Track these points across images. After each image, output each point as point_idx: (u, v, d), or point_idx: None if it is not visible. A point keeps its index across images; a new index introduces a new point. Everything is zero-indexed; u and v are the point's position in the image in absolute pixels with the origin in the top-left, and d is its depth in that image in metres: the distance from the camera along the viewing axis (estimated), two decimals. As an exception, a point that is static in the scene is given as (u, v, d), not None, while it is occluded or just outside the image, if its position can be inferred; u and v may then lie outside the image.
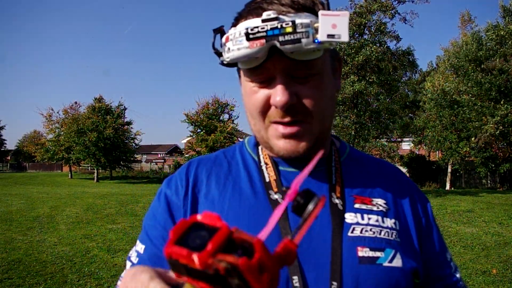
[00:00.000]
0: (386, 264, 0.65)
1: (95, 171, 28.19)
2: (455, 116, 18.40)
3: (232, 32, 0.63)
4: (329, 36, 0.58)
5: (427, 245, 0.75)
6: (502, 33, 17.00)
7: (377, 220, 0.69)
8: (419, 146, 24.83)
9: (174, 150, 52.94)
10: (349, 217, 0.69)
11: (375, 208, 0.71)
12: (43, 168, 46.44)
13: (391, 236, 0.69)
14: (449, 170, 21.07)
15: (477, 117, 17.63)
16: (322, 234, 0.66)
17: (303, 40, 0.58)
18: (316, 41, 0.59)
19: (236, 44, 0.61)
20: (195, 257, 0.31)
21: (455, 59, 18.89)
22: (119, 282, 0.76)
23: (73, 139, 25.64)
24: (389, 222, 0.71)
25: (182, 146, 44.80)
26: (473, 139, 17.93)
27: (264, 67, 0.64)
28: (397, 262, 0.66)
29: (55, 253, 5.96)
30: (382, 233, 0.68)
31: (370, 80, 14.23)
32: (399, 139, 23.48)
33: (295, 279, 0.62)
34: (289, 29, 0.58)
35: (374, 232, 0.68)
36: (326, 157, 0.77)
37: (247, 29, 0.60)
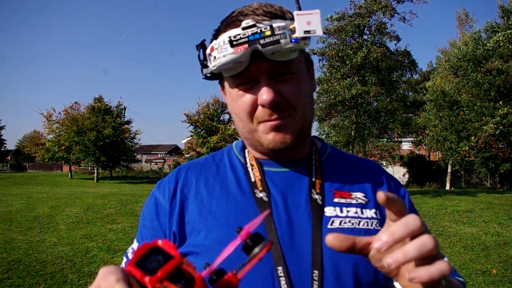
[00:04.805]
0: None
1: (95, 171, 28.16)
2: (454, 116, 18.37)
3: (216, 42, 0.69)
4: (305, 32, 0.65)
5: None
6: (500, 38, 16.98)
7: (356, 212, 0.75)
8: (419, 146, 24.78)
9: (174, 150, 52.98)
10: (328, 211, 0.74)
11: (354, 201, 0.77)
12: (43, 168, 46.40)
13: (371, 226, 0.74)
14: (449, 170, 21.02)
15: (477, 117, 17.60)
16: (304, 227, 0.72)
17: (282, 41, 0.65)
18: (293, 40, 0.66)
19: (222, 51, 0.68)
20: (146, 279, 0.37)
21: (454, 58, 18.86)
22: None
23: (73, 138, 25.63)
24: (369, 213, 0.76)
25: (182, 146, 44.83)
26: (473, 138, 17.89)
27: (248, 71, 0.70)
28: None
29: (55, 253, 5.96)
30: (361, 223, 0.74)
31: (369, 81, 14.19)
32: (399, 139, 23.42)
33: (280, 269, 0.67)
34: (268, 32, 0.65)
35: (352, 224, 0.73)
36: (307, 157, 0.82)
37: (230, 37, 0.66)
